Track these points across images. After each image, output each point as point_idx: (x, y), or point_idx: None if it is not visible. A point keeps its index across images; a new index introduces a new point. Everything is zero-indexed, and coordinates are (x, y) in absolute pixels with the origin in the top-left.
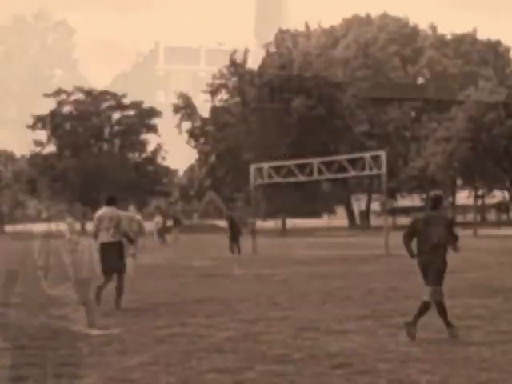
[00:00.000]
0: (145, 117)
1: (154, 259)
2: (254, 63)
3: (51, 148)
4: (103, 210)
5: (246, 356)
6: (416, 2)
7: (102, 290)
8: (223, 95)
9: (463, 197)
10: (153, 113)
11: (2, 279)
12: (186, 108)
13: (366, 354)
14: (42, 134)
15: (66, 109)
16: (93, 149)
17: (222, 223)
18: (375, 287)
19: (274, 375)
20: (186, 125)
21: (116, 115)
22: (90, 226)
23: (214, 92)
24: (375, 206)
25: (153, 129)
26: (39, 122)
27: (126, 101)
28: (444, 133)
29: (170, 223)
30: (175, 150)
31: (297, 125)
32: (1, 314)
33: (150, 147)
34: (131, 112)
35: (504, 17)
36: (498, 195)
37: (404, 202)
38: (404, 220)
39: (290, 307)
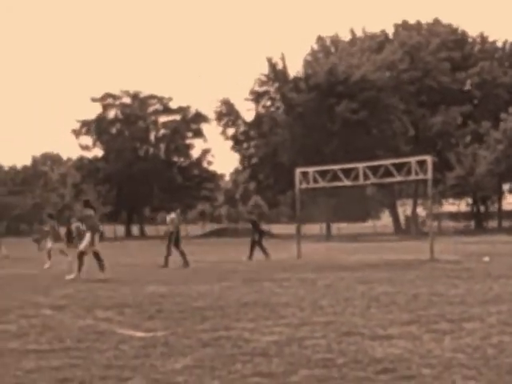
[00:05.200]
0: (191, 121)
1: (197, 262)
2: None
3: (97, 152)
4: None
5: (290, 360)
6: (467, 9)
7: None
8: (266, 101)
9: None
10: (199, 118)
11: None
12: (229, 115)
13: (411, 360)
14: (88, 138)
15: (112, 113)
16: (139, 152)
17: (267, 227)
18: (420, 292)
19: (317, 380)
20: (232, 131)
21: (162, 119)
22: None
23: (256, 99)
24: (421, 210)
25: (199, 133)
26: (84, 126)
27: (173, 105)
28: (491, 137)
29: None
30: (222, 154)
31: (341, 129)
32: (47, 316)
33: (197, 151)
34: (177, 116)
35: None
36: None
37: (450, 207)
38: (449, 225)
39: (334, 312)
